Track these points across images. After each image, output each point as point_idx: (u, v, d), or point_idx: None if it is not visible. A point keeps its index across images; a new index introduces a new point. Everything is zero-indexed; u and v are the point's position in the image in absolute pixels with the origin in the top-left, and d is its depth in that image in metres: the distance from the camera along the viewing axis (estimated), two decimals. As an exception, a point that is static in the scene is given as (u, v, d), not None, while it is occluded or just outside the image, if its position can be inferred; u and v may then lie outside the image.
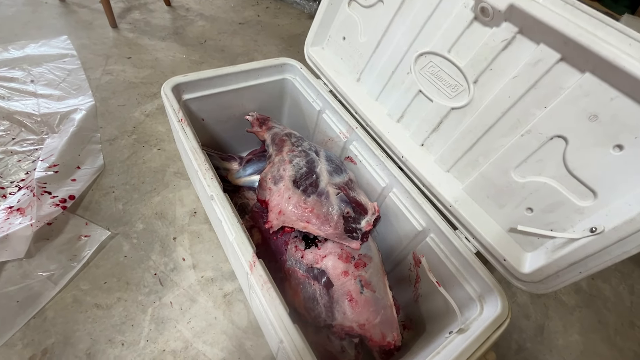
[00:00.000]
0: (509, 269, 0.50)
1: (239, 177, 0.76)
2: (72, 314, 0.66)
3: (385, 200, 0.65)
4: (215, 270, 0.76)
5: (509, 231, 0.52)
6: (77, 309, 0.67)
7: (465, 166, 0.56)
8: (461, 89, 0.53)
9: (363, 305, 0.58)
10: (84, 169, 0.86)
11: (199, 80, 0.70)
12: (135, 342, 0.65)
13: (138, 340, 0.65)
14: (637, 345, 0.85)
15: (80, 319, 0.66)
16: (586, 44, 0.38)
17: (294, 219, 0.59)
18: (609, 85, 0.39)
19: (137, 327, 0.66)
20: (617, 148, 0.40)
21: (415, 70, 0.59)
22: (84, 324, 0.65)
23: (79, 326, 0.65)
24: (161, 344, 0.65)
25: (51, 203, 0.75)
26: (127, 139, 0.97)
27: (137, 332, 0.66)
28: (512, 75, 0.47)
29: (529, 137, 0.47)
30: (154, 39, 1.35)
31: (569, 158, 0.44)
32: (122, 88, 1.12)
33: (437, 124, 0.58)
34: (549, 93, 0.44)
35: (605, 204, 0.42)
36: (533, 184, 0.48)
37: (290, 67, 0.80)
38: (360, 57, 0.69)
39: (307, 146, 0.69)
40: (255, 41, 1.48)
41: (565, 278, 0.45)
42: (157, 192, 0.87)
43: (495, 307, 0.49)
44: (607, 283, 0.96)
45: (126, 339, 0.65)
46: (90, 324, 0.65)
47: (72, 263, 0.71)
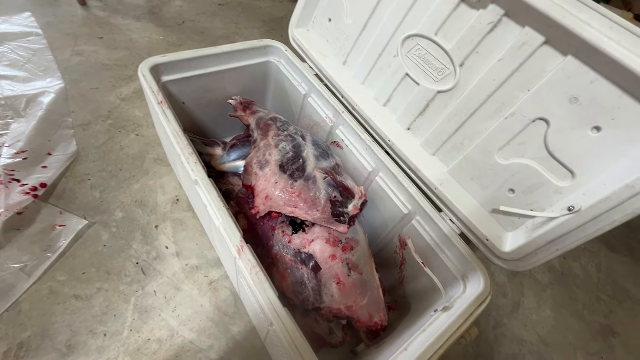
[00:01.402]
0: (491, 249, 0.52)
1: (223, 162, 0.74)
2: (49, 306, 0.63)
3: (372, 184, 0.66)
4: (199, 257, 0.75)
5: (491, 212, 0.54)
6: (54, 300, 0.64)
7: (450, 149, 0.57)
8: (447, 72, 0.53)
9: (350, 288, 0.59)
10: (55, 156, 0.81)
11: (179, 61, 0.67)
12: (118, 332, 0.63)
13: (121, 330, 0.63)
14: (602, 318, 0.91)
15: (57, 310, 0.63)
16: (569, 26, 0.39)
17: (281, 204, 0.59)
18: (589, 68, 0.40)
19: (119, 317, 0.65)
20: (595, 130, 0.41)
21: (402, 53, 0.59)
22: (62, 316, 0.63)
23: (57, 318, 0.62)
24: (145, 333, 0.64)
25: (20, 191, 0.71)
26: (102, 124, 0.92)
27: (119, 322, 0.64)
28: (498, 58, 0.47)
29: (513, 119, 0.48)
30: (128, 18, 1.28)
31: (550, 140, 0.45)
32: (95, 70, 1.06)
33: (423, 107, 0.58)
34: (533, 76, 0.45)
35: (583, 184, 0.43)
36: (515, 165, 0.49)
37: (274, 49, 0.77)
38: (347, 39, 0.68)
39: (293, 130, 0.68)
40: (235, 23, 1.43)
41: (543, 255, 0.47)
42: (137, 179, 0.84)
43: (478, 285, 0.51)
44: (577, 262, 1.02)
45: (108, 329, 0.63)
46: (69, 315, 0.63)
47: (47, 254, 0.68)
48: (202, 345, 0.65)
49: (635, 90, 0.37)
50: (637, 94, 0.38)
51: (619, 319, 0.92)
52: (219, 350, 0.65)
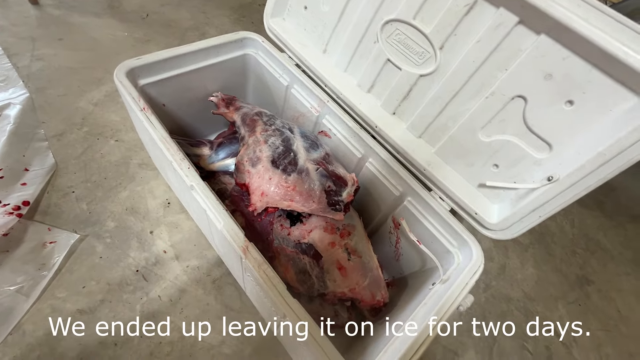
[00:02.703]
0: (480, 221, 0.55)
1: (212, 162, 0.73)
2: (54, 324, 0.63)
3: (363, 170, 0.68)
4: (199, 258, 0.76)
5: (478, 187, 0.57)
6: (58, 317, 0.64)
7: (435, 131, 0.59)
8: (428, 55, 0.55)
9: (352, 271, 0.62)
10: (33, 171, 0.78)
11: (154, 63, 0.64)
12: (128, 340, 0.64)
13: (132, 338, 0.64)
14: (578, 269, 1.00)
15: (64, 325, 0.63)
16: (541, 6, 0.41)
17: (278, 199, 0.60)
18: (561, 46, 0.42)
19: (127, 326, 0.65)
20: (568, 103, 0.44)
21: (382, 38, 0.59)
22: (69, 332, 0.63)
23: (64, 335, 0.62)
24: (156, 338, 0.65)
25: (3, 212, 0.68)
26: (77, 132, 0.89)
27: (128, 330, 0.65)
28: (476, 39, 0.49)
29: (493, 98, 0.50)
30: (86, 15, 1.20)
31: (528, 116, 0.48)
32: (59, 75, 1.00)
33: (407, 92, 0.60)
34: (509, 55, 0.47)
35: (559, 155, 0.47)
36: (498, 142, 0.52)
37: (251, 42, 0.76)
38: (325, 27, 0.67)
39: (280, 124, 0.68)
40: (203, 12, 1.37)
41: (527, 223, 0.51)
42: (124, 187, 0.82)
43: (470, 256, 0.54)
44: (553, 220, 1.09)
45: (118, 339, 0.64)
46: (76, 329, 0.63)
47: (42, 272, 0.67)
48: (213, 342, 0.67)
49: (604, 65, 0.40)
50: (605, 68, 0.40)
51: (592, 268, 1.01)
52: (231, 344, 0.67)
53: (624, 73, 0.39)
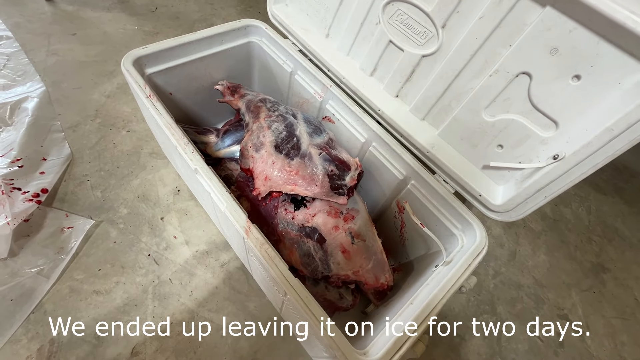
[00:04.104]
0: (484, 203, 0.54)
1: (219, 149, 0.75)
2: (73, 303, 0.66)
3: (366, 155, 0.68)
4: (208, 243, 0.78)
5: (482, 169, 0.56)
6: (76, 298, 0.67)
7: (439, 112, 0.58)
8: (430, 35, 0.54)
9: (355, 254, 0.62)
10: (50, 160, 0.81)
11: (160, 52, 0.66)
12: (142, 319, 0.67)
13: (144, 318, 0.67)
14: (594, 257, 0.97)
15: (81, 306, 0.66)
16: (546, -23, 0.39)
17: (281, 183, 0.60)
18: (567, 18, 0.41)
19: (140, 306, 0.68)
20: (575, 78, 0.43)
21: (383, 20, 0.58)
22: (86, 311, 0.66)
23: (82, 313, 0.66)
24: (168, 318, 0.68)
25: (24, 199, 0.72)
26: (90, 123, 0.92)
27: (141, 311, 0.68)
28: (478, 16, 0.47)
29: (497, 76, 0.49)
30: (98, 10, 1.23)
31: (533, 93, 0.46)
32: (73, 69, 1.03)
33: (410, 73, 0.59)
34: (514, 31, 0.45)
35: (566, 132, 0.45)
36: (502, 121, 0.51)
37: (254, 29, 0.76)
38: (327, 10, 0.67)
39: (283, 110, 0.68)
40: (211, 4, 1.38)
41: (533, 204, 0.50)
42: (135, 175, 0.85)
43: (474, 238, 0.54)
44: (568, 207, 1.06)
45: (132, 318, 0.67)
46: (93, 309, 0.66)
47: (61, 255, 0.70)
48: (222, 322, 0.69)
49: (612, 36, 0.39)
50: (613, 39, 0.39)
51: (609, 255, 0.98)
52: (240, 325, 0.69)
53: (634, 43, 0.37)
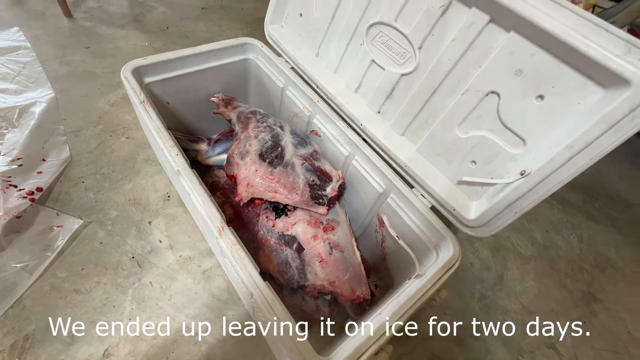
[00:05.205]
0: (458, 217, 0.55)
1: (208, 156, 0.77)
2: (52, 301, 0.67)
3: (349, 168, 0.69)
4: (192, 249, 0.79)
5: (457, 184, 0.57)
6: (56, 295, 0.68)
7: (416, 128, 0.60)
8: (408, 55, 0.57)
9: (333, 265, 0.63)
10: (49, 161, 0.85)
11: (160, 63, 0.70)
12: (118, 321, 0.67)
13: (121, 319, 0.67)
14: (584, 286, 0.95)
15: (60, 304, 0.67)
16: (507, 3, 0.42)
17: (262, 190, 0.62)
18: (529, 42, 0.44)
19: (118, 308, 0.68)
20: (539, 98, 0.45)
21: (367, 41, 0.62)
22: (64, 309, 0.67)
23: (60, 311, 0.66)
24: (144, 321, 0.67)
25: (18, 196, 0.74)
26: (92, 129, 0.96)
27: (118, 312, 0.68)
28: (451, 38, 0.51)
29: (468, 95, 0.51)
30: (113, 27, 1.31)
31: (502, 111, 0.49)
32: (83, 78, 1.09)
33: (390, 91, 0.62)
34: (482, 53, 0.48)
35: (532, 149, 0.47)
36: (474, 138, 0.53)
37: (251, 47, 0.81)
38: (317, 32, 0.71)
39: (271, 122, 0.71)
40: (219, 26, 1.46)
41: (504, 219, 0.50)
42: (129, 180, 0.87)
43: (448, 252, 0.54)
44: (560, 234, 1.05)
45: (108, 319, 0.67)
46: (71, 308, 0.67)
47: (47, 253, 0.72)
48: (198, 329, 0.68)
49: (570, 59, 0.41)
50: (572, 63, 0.41)
51: (601, 285, 0.96)
52: (215, 333, 0.68)
53: (589, 66, 0.39)
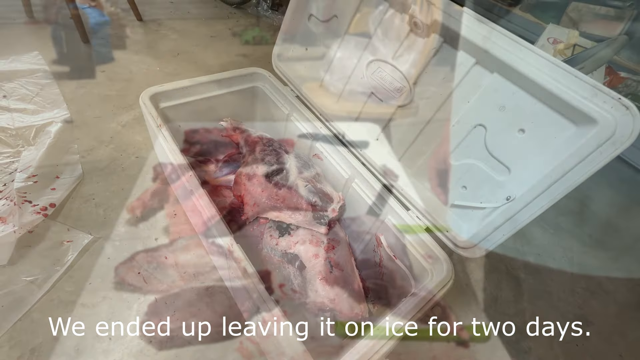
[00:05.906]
0: (451, 239, 0.59)
1: (217, 177, 0.82)
2: (59, 314, 0.69)
3: (349, 190, 0.74)
4: (196, 266, 0.81)
5: (450, 207, 0.61)
6: (64, 309, 0.70)
7: (412, 155, 0.65)
8: (405, 89, 0.63)
9: (333, 283, 0.66)
10: (63, 179, 0.89)
11: (175, 90, 0.76)
12: (123, 336, 0.68)
13: (125, 335, 0.69)
14: (576, 309, 0.97)
15: (66, 318, 0.69)
16: (490, 50, 0.49)
17: (267, 210, 0.66)
18: (510, 83, 0.49)
19: (123, 323, 0.70)
20: (521, 131, 0.50)
21: (367, 75, 0.68)
22: (71, 323, 0.68)
23: (66, 325, 0.68)
24: (147, 336, 0.69)
25: (32, 211, 0.78)
26: (104, 148, 1.01)
27: (123, 327, 0.69)
28: (442, 76, 0.57)
29: (458, 127, 0.57)
30: (127, 52, 1.39)
31: (489, 142, 0.54)
32: (97, 100, 1.15)
33: (387, 120, 0.67)
34: (470, 90, 0.54)
35: (517, 177, 0.52)
36: (465, 165, 0.57)
37: (259, 76, 0.87)
38: (322, 65, 0.78)
39: (277, 146, 0.76)
40: (227, 53, 1.55)
41: (493, 240, 0.54)
42: (137, 198, 0.91)
43: (442, 272, 0.58)
44: (551, 257, 1.09)
45: (113, 334, 0.68)
46: (78, 322, 0.68)
47: (56, 267, 0.74)
48: (200, 344, 0.70)
49: (545, 99, 0.47)
50: (547, 102, 0.47)
51: (593, 309, 0.98)
52: (217, 349, 0.70)
53: (561, 106, 0.45)
